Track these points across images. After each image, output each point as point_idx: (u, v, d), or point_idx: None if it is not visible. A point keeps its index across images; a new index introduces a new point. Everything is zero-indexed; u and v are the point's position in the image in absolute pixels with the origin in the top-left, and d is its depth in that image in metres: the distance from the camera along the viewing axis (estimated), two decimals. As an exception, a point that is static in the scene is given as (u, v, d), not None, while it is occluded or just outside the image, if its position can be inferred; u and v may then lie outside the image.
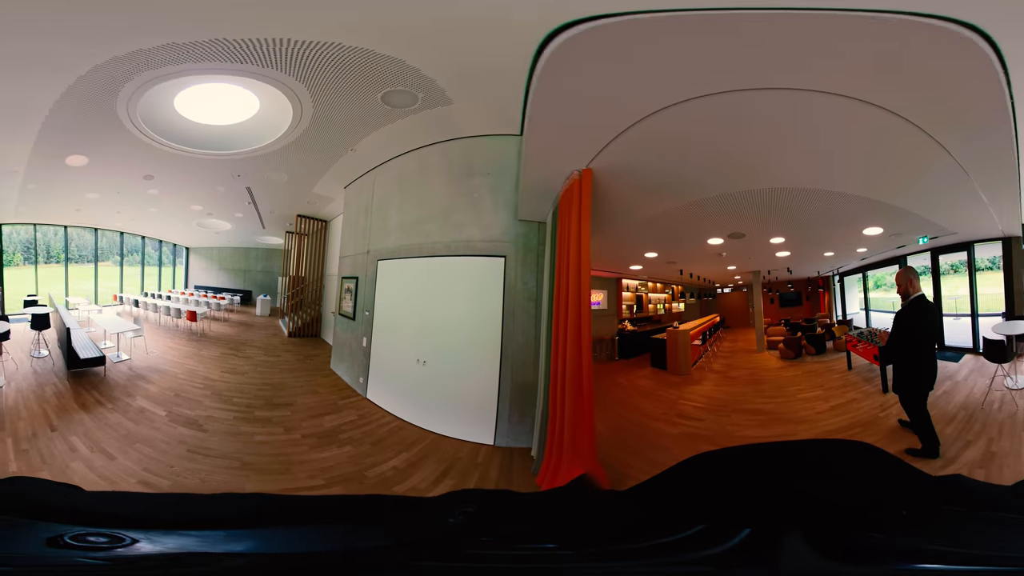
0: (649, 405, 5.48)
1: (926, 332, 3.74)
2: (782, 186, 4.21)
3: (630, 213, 4.55)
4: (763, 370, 6.83)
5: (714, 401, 5.44)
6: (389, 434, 3.96)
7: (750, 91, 2.73)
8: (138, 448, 3.24)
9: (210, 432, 3.60)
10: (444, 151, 4.67)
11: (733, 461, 1.68)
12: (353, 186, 6.19)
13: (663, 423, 4.75)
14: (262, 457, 3.27)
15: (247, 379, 5.03)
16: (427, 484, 3.11)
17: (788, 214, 5.06)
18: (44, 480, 2.62)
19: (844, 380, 5.54)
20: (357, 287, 5.41)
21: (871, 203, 4.46)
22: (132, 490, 2.76)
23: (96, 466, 2.98)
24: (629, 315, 9.73)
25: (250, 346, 6.65)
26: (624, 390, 6.19)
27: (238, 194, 7.47)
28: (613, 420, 4.83)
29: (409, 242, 4.81)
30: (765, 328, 8.67)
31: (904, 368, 3.76)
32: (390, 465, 3.33)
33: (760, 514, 1.12)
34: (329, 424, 4.03)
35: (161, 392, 4.33)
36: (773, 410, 4.92)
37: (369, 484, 2.97)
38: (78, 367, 4.70)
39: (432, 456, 3.62)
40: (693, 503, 1.29)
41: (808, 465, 1.46)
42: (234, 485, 2.91)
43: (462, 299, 4.28)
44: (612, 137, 3.24)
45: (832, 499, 1.15)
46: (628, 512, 1.34)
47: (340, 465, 3.26)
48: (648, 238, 6.08)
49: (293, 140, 5.10)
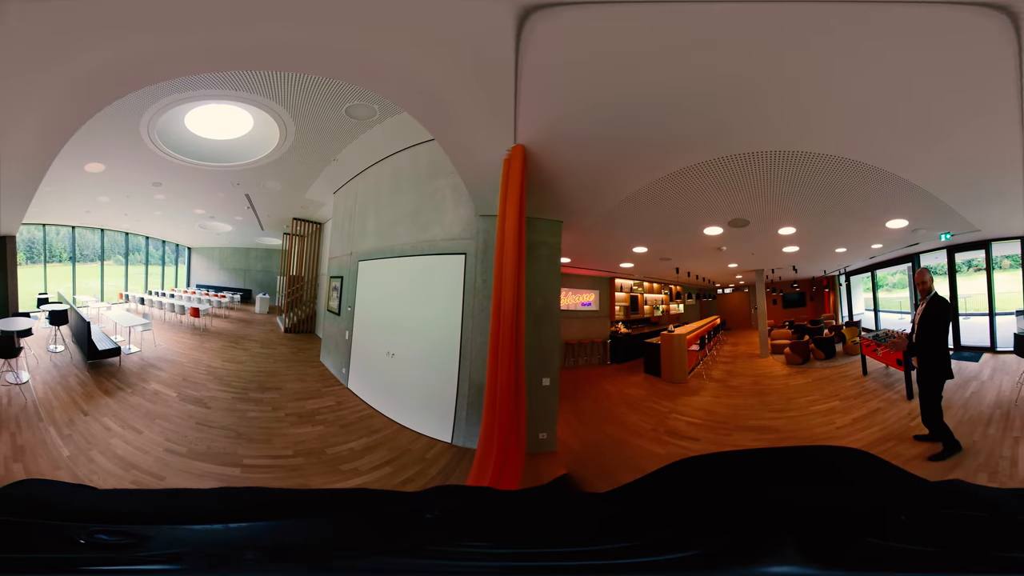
0: (636, 418, 5.01)
1: (950, 326, 3.77)
2: (807, 149, 3.49)
3: (602, 194, 4.19)
4: (768, 377, 6.34)
5: (713, 416, 4.90)
6: (359, 420, 4.48)
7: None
8: (158, 423, 3.93)
9: (212, 409, 4.30)
10: (413, 155, 4.98)
11: (720, 466, 1.66)
12: (341, 192, 6.79)
13: (649, 441, 4.37)
14: (252, 429, 3.96)
15: (244, 367, 5.69)
16: (369, 468, 3.58)
17: (807, 192, 4.26)
18: (56, 481, 2.78)
19: (861, 387, 5.11)
20: (342, 286, 6.05)
21: (906, 187, 3.94)
22: (160, 457, 3.42)
23: (130, 440, 3.63)
24: (623, 317, 9.21)
25: (248, 340, 7.30)
26: (610, 399, 5.77)
27: (238, 199, 8.04)
28: (589, 435, 4.52)
29: (383, 244, 5.27)
30: (769, 331, 8.15)
31: (933, 360, 3.71)
32: (348, 447, 3.89)
33: (745, 520, 1.11)
34: (310, 407, 4.68)
35: (171, 377, 5.01)
36: (784, 427, 4.38)
37: (326, 459, 3.63)
38: (97, 358, 5.31)
39: (387, 444, 4.01)
40: (673, 507, 1.29)
41: (800, 472, 1.44)
42: (230, 450, 3.61)
43: (427, 297, 4.49)
44: (549, 101, 2.91)
45: (827, 505, 1.14)
46: (605, 513, 1.34)
47: (309, 441, 3.92)
48: (631, 226, 5.37)
49: (283, 154, 5.79)
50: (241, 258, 11.91)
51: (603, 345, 8.40)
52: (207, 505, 1.30)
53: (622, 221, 5.03)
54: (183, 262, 11.74)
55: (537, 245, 4.48)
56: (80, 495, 1.46)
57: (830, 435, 4.10)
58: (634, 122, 3.13)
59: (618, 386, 6.35)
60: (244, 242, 11.48)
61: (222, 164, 6.32)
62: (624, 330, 8.90)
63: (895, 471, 1.46)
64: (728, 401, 5.42)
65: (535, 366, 4.26)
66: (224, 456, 3.52)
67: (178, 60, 3.06)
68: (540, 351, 4.30)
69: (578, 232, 5.03)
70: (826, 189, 4.20)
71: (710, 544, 1.02)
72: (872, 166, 3.64)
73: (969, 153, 3.35)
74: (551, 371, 4.38)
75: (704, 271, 9.54)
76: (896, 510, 1.13)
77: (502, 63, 2.69)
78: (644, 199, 4.31)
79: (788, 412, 4.78)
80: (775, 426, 4.45)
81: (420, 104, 3.47)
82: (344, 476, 3.42)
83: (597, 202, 4.32)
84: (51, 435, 3.63)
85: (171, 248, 11.47)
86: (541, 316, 4.31)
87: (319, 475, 3.40)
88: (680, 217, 5.06)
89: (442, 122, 3.57)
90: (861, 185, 4.04)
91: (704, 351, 7.95)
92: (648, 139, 3.36)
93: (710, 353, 8.27)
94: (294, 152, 5.69)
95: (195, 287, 11.57)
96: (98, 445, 3.53)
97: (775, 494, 1.23)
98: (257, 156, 5.99)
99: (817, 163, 3.76)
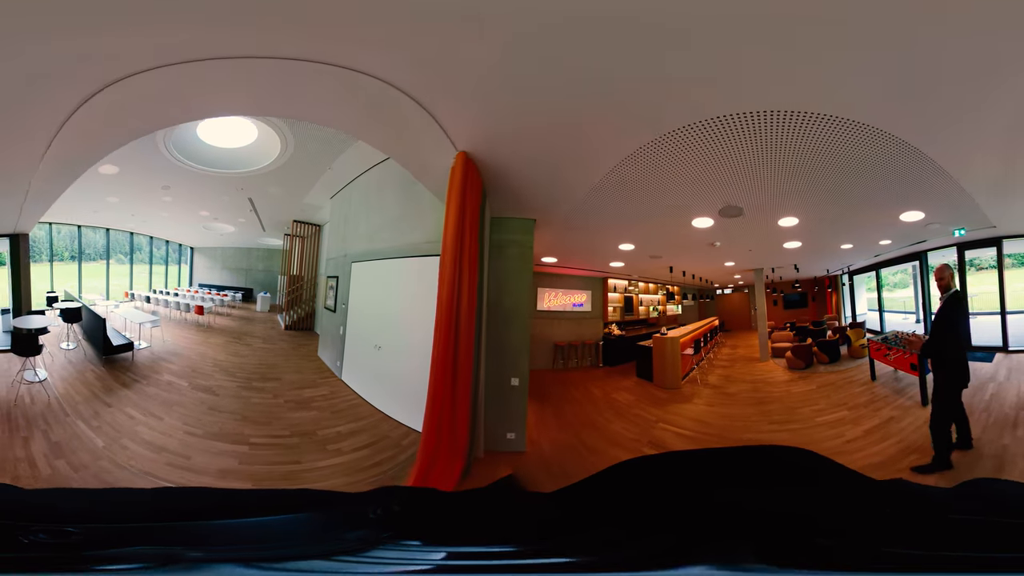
0: (619, 426, 4.77)
1: (965, 327, 3.68)
2: (814, 110, 2.79)
3: (566, 187, 4.01)
4: (768, 384, 5.98)
5: (705, 428, 4.62)
6: (348, 408, 4.98)
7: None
8: (175, 410, 4.44)
9: (220, 396, 4.85)
10: (396, 164, 5.18)
11: (667, 467, 1.65)
12: (337, 197, 7.30)
13: (627, 452, 4.15)
14: (256, 413, 4.52)
15: (247, 360, 6.21)
16: (350, 449, 4.08)
17: (817, 171, 3.62)
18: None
19: (871, 394, 4.80)
20: (337, 285, 6.57)
21: (930, 169, 3.49)
22: (182, 440, 3.87)
23: (153, 426, 4.11)
24: (617, 318, 9.02)
25: (250, 336, 7.80)
26: (596, 404, 5.58)
27: (242, 202, 8.54)
28: (564, 440, 4.38)
29: (372, 247, 5.76)
30: (769, 333, 7.85)
31: (950, 364, 3.52)
32: (335, 430, 4.41)
33: (688, 521, 1.11)
34: (306, 395, 5.22)
35: (181, 369, 5.53)
36: (786, 442, 4.03)
37: (316, 439, 4.16)
38: (112, 353, 5.72)
39: (369, 431, 4.43)
40: (615, 507, 1.29)
41: (747, 472, 1.43)
42: (238, 431, 4.15)
43: (410, 296, 4.77)
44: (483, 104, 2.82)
45: (772, 507, 1.14)
46: (545, 514, 1.36)
47: (304, 423, 4.47)
48: (609, 219, 5.02)
49: (283, 163, 6.32)
50: (243, 258, 12.18)
51: (595, 347, 8.31)
52: (144, 505, 1.29)
53: (596, 214, 4.77)
54: (185, 262, 11.84)
55: (507, 244, 4.68)
56: (9, 494, 1.40)
57: (839, 450, 3.76)
58: (570, 102, 2.81)
59: (606, 390, 6.18)
60: (246, 242, 11.67)
61: (228, 171, 6.85)
62: (617, 332, 8.78)
63: (840, 469, 1.45)
64: (723, 411, 5.10)
65: (504, 366, 4.49)
66: (234, 436, 4.07)
67: (219, 103, 3.47)
68: (509, 351, 4.50)
69: (556, 229, 5.15)
70: (836, 163, 3.53)
71: (648, 544, 1.03)
72: (895, 136, 3.08)
73: (1001, 133, 2.96)
74: (520, 371, 4.52)
75: (700, 270, 9.35)
76: (839, 509, 1.15)
77: (426, 81, 2.78)
78: (612, 187, 3.99)
79: (791, 424, 4.44)
80: (776, 440, 4.11)
81: (363, 128, 3.77)
82: (329, 455, 3.95)
83: (563, 195, 4.19)
84: (81, 428, 3.88)
85: (174, 248, 11.64)
86: (509, 316, 4.54)
87: (310, 452, 3.94)
88: (655, 205, 4.61)
89: (390, 143, 3.86)
90: (882, 164, 3.45)
91: (700, 355, 7.69)
92: (590, 118, 3.00)
93: (707, 357, 8.07)
94: (293, 161, 6.23)
95: (197, 286, 11.79)
96: (127, 433, 3.95)
97: (722, 495, 1.25)
98: (261, 164, 6.53)
99: (829, 129, 3.01)
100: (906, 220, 4.86)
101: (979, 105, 2.71)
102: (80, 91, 2.91)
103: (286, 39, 2.49)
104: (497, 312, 4.56)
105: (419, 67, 2.69)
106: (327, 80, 2.82)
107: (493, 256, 4.66)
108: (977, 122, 2.94)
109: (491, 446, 4.36)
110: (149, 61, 2.64)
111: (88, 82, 2.81)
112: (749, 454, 1.98)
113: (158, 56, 2.61)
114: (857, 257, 7.02)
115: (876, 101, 2.76)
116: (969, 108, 2.76)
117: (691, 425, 4.68)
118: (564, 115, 2.99)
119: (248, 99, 3.49)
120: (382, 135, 3.84)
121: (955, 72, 2.40)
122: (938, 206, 4.50)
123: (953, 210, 4.54)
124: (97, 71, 2.73)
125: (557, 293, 8.41)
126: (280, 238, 10.25)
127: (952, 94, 2.63)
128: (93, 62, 2.62)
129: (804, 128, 3.07)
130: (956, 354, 3.54)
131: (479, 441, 4.22)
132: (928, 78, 2.48)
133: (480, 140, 3.33)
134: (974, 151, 3.34)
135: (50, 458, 3.42)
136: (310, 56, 2.63)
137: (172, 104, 3.37)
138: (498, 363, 4.50)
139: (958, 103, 2.72)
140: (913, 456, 3.55)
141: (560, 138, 3.30)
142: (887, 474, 3.21)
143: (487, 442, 4.35)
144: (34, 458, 3.41)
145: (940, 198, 4.23)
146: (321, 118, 3.85)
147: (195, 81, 2.87)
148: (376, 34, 2.39)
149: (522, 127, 3.16)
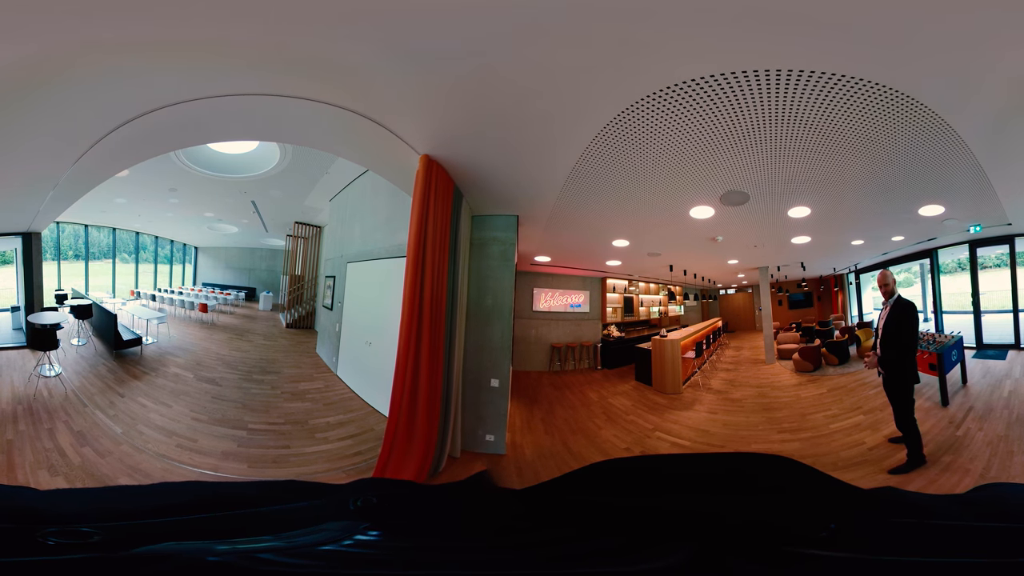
0: (610, 433, 4.59)
1: (911, 331, 3.74)
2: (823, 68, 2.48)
3: (539, 178, 3.95)
4: (776, 388, 5.79)
5: (705, 438, 4.40)
6: (340, 400, 5.53)
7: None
8: (183, 399, 5.08)
9: (223, 386, 5.50)
10: None
11: (643, 470, 1.67)
12: (335, 200, 7.93)
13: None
14: (255, 402, 5.15)
15: (248, 355, 6.86)
16: (336, 439, 4.52)
17: (845, 152, 3.33)
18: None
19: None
20: (335, 284, 7.19)
21: (970, 165, 3.38)
22: (190, 425, 4.41)
23: (164, 413, 4.70)
24: (617, 319, 9.07)
25: (252, 333, 8.44)
26: (589, 408, 5.48)
27: (245, 204, 9.19)
28: (549, 445, 4.30)
29: (365, 248, 6.26)
30: (775, 333, 7.81)
31: (902, 364, 3.68)
32: (325, 420, 4.93)
33: (646, 523, 1.13)
34: (302, 388, 5.85)
35: (187, 362, 6.21)
36: (799, 452, 3.84)
37: (307, 428, 4.72)
38: (122, 348, 6.34)
39: (357, 422, 4.91)
40: (579, 507, 1.32)
41: (726, 479, 1.43)
42: (239, 417, 4.77)
43: (396, 296, 4.95)
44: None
45: (753, 516, 1.15)
46: (512, 510, 1.40)
47: (298, 413, 5.06)
48: (596, 212, 4.87)
49: (283, 168, 6.97)
50: (246, 258, 12.74)
51: (593, 348, 8.34)
52: (148, 501, 1.33)
53: (581, 205, 4.62)
54: (189, 261, 12.54)
55: (488, 242, 4.81)
56: (25, 497, 1.44)
57: (861, 458, 3.62)
58: (519, 92, 2.72)
59: (603, 394, 6.12)
60: (250, 243, 12.28)
61: (232, 175, 7.52)
62: (616, 333, 8.79)
63: (826, 479, 1.44)
64: (727, 419, 4.91)
65: (483, 366, 4.57)
66: (235, 422, 4.68)
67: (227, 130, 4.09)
68: (489, 351, 4.57)
69: (543, 225, 5.19)
70: (876, 150, 3.29)
71: (601, 544, 1.06)
72: (949, 125, 2.91)
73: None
74: (501, 372, 4.54)
75: (702, 269, 9.28)
76: (826, 518, 1.13)
77: (376, 105, 3.10)
78: (589, 174, 3.84)
79: (803, 432, 4.27)
80: (787, 451, 3.87)
81: (335, 146, 4.28)
82: (316, 442, 4.52)
83: (542, 188, 4.12)
84: (100, 418, 4.30)
85: (178, 247, 12.36)
86: (490, 315, 4.66)
87: (300, 439, 4.53)
88: (643, 191, 4.33)
89: (362, 156, 4.31)
90: (921, 153, 3.25)
91: (703, 357, 7.52)
92: (547, 103, 2.86)
93: (710, 359, 7.94)
94: (292, 166, 6.87)
95: (201, 285, 12.33)
96: (141, 420, 4.52)
97: (672, 501, 1.27)
98: (262, 169, 7.19)
99: (884, 102, 2.69)
100: (924, 214, 4.69)
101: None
102: (127, 112, 3.46)
103: (285, 81, 3.08)
104: (478, 311, 4.72)
105: (366, 94, 3.07)
106: (294, 110, 3.36)
107: (474, 255, 4.82)
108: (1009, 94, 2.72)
109: (471, 447, 4.45)
110: (185, 95, 3.26)
111: (137, 105, 3.39)
112: (728, 460, 2.03)
113: (193, 91, 3.23)
114: (866, 254, 6.95)
115: (940, 90, 2.63)
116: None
117: (690, 435, 4.49)
118: (518, 107, 2.89)
119: (245, 128, 4.08)
120: (352, 150, 4.40)
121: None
122: (960, 200, 4.36)
123: (973, 205, 4.46)
124: (148, 97, 3.30)
125: (553, 293, 8.64)
126: (283, 238, 10.76)
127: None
128: (150, 90, 3.21)
129: (846, 98, 2.75)
130: (906, 356, 3.70)
131: (456, 440, 4.26)
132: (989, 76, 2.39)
133: (440, 143, 3.46)
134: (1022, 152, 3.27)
135: (76, 446, 3.76)
136: (285, 92, 3.20)
137: (192, 130, 3.96)
138: (477, 363, 4.60)
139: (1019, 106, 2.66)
140: (947, 457, 3.48)
141: (519, 131, 3.19)
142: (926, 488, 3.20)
143: (466, 443, 4.44)
144: (63, 448, 3.73)
145: (964, 192, 4.11)
146: (302, 140, 4.44)
147: (212, 112, 3.46)
148: (327, 73, 2.85)
149: (478, 127, 3.18)
